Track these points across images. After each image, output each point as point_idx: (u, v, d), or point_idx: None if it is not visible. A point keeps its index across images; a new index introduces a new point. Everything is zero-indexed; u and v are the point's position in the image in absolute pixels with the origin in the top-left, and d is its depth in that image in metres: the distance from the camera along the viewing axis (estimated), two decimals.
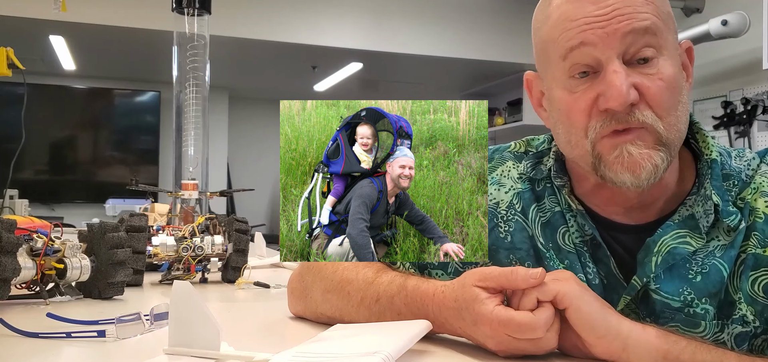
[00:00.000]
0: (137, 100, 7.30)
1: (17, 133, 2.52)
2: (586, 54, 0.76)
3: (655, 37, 0.76)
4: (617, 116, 0.76)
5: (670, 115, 0.77)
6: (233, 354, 0.70)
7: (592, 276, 0.83)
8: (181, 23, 2.07)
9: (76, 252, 1.11)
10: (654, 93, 0.76)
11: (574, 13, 0.77)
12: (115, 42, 5.41)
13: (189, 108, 2.06)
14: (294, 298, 0.97)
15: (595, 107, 0.77)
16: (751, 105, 3.95)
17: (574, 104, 0.78)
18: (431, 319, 0.77)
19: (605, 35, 0.75)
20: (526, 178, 0.91)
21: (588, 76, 0.77)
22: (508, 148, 0.96)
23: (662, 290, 0.80)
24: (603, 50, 0.75)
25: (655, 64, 0.76)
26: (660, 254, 0.80)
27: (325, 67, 6.28)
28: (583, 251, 0.84)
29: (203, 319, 0.70)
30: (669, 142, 0.77)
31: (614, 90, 0.74)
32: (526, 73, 0.89)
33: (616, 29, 0.74)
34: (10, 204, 2.79)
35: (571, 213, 0.86)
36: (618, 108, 0.75)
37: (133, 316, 0.83)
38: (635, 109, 0.76)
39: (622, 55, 0.75)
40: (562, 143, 0.84)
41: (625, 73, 0.75)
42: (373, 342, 0.70)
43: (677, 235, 0.80)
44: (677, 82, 0.77)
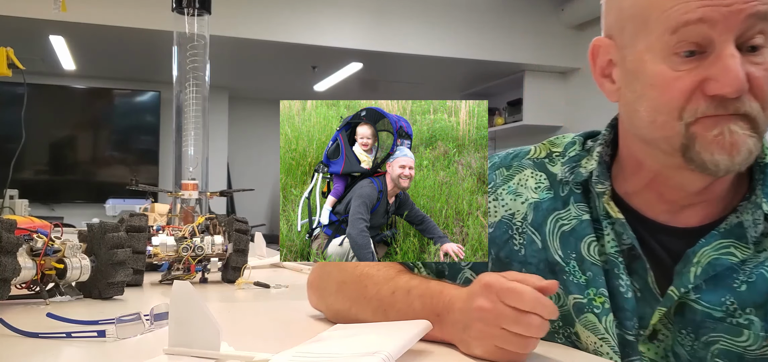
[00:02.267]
0: (137, 100, 7.30)
1: (17, 133, 2.52)
2: (701, 32, 0.70)
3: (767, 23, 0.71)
4: (725, 103, 0.71)
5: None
6: (233, 354, 0.70)
7: (625, 289, 0.79)
8: (181, 23, 2.07)
9: (76, 252, 1.11)
10: (762, 83, 0.71)
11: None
12: (115, 42, 5.41)
13: (189, 108, 2.06)
14: (310, 290, 0.98)
15: (700, 90, 0.71)
16: None
17: (675, 83, 0.72)
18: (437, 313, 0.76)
19: (728, 14, 0.69)
20: (545, 188, 0.87)
21: (694, 56, 0.71)
22: (528, 154, 0.91)
23: (703, 300, 0.76)
24: (721, 31, 0.70)
25: (764, 53, 0.72)
26: (700, 265, 0.76)
27: (325, 67, 6.28)
28: (618, 261, 0.80)
29: (203, 319, 0.69)
30: (762, 132, 0.73)
31: (731, 76, 0.69)
32: (596, 39, 0.82)
33: (740, 10, 0.69)
34: (10, 204, 2.79)
35: (608, 220, 0.81)
36: (732, 95, 0.70)
37: (133, 316, 0.83)
38: (744, 99, 0.71)
39: (737, 39, 0.70)
40: (641, 121, 0.76)
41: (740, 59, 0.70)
42: (373, 342, 0.70)
43: (720, 246, 0.76)
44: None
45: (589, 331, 0.79)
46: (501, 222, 0.88)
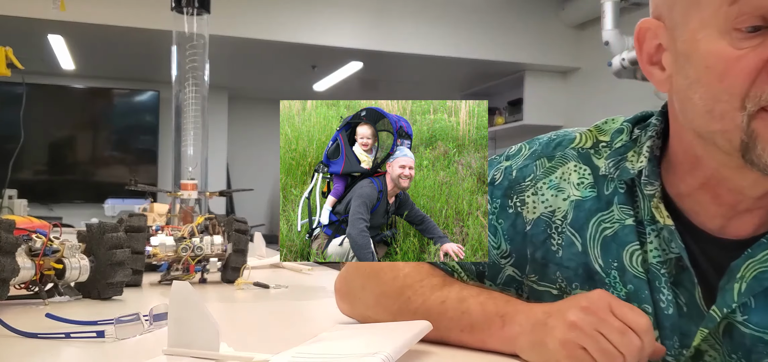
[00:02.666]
0: (136, 100, 7.29)
1: (16, 133, 2.52)
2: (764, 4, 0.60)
3: None
4: None
5: None
6: (232, 355, 0.69)
7: (666, 305, 0.72)
8: (181, 23, 2.07)
9: (75, 253, 1.11)
10: None
11: None
12: (115, 42, 5.41)
13: (188, 108, 2.06)
14: (341, 299, 0.91)
15: (765, 72, 0.61)
16: None
17: (737, 63, 0.61)
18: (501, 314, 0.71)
19: None
20: (588, 185, 0.77)
21: (759, 31, 0.61)
22: (572, 143, 0.81)
23: (751, 322, 0.68)
24: None
25: None
26: (745, 280, 0.68)
27: (325, 66, 6.28)
28: (660, 274, 0.72)
29: (202, 320, 0.69)
30: None
31: None
32: (642, 21, 0.71)
33: None
34: (8, 204, 2.79)
35: (653, 226, 0.73)
36: None
37: (133, 317, 0.83)
38: None
39: None
40: (695, 113, 0.66)
41: None
42: (373, 343, 0.69)
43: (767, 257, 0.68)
44: None
45: None
46: (539, 220, 0.78)
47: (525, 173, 0.81)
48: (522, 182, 0.81)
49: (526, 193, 0.80)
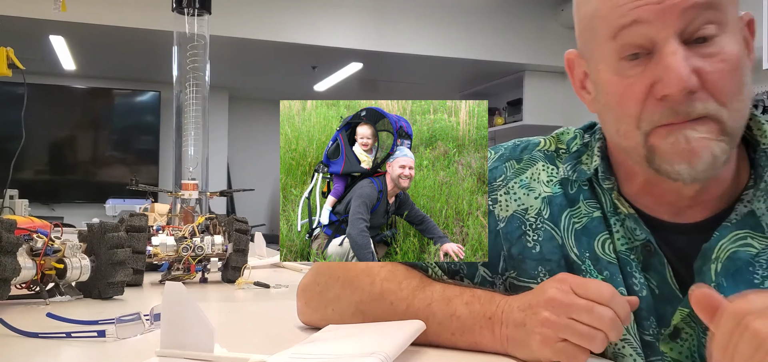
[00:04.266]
0: (137, 100, 7.30)
1: (17, 133, 2.52)
2: (640, 33, 0.67)
3: (718, 11, 0.66)
4: (676, 107, 0.67)
5: (734, 101, 0.68)
6: (227, 356, 0.69)
7: (639, 288, 0.75)
8: (181, 23, 2.07)
9: (76, 252, 1.11)
10: (716, 78, 0.66)
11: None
12: (115, 42, 5.41)
13: (189, 108, 2.06)
14: (310, 309, 0.88)
15: (651, 95, 0.68)
16: None
17: (626, 91, 0.69)
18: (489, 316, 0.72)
19: (661, 11, 0.66)
20: (557, 182, 0.82)
21: (640, 58, 0.68)
22: (538, 146, 0.86)
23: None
24: (659, 28, 0.66)
25: (717, 43, 0.67)
26: (719, 261, 0.72)
27: (325, 67, 6.28)
28: (630, 259, 0.76)
29: (196, 320, 0.69)
30: (732, 131, 0.68)
31: (672, 74, 0.65)
32: (568, 52, 0.80)
33: (674, 4, 0.65)
34: (10, 204, 2.79)
35: (617, 217, 0.77)
36: (677, 94, 0.66)
37: (133, 316, 0.83)
38: (696, 99, 0.66)
39: (681, 34, 0.66)
40: (610, 132, 0.75)
41: (685, 55, 0.65)
42: (370, 343, 0.69)
43: (736, 237, 0.72)
44: (741, 62, 0.68)
45: None
46: (513, 217, 0.82)
47: (496, 174, 0.86)
48: (493, 182, 0.86)
49: (498, 192, 0.85)
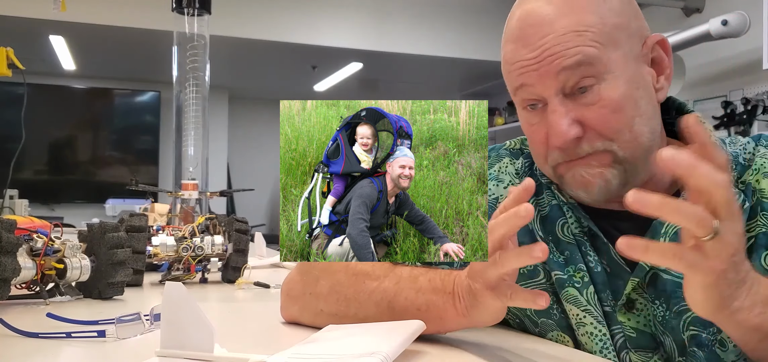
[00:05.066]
0: (137, 100, 7.30)
1: (17, 133, 2.52)
2: (529, 92, 0.79)
3: (592, 66, 0.75)
4: (567, 151, 0.78)
5: (623, 135, 0.77)
6: (226, 356, 0.69)
7: (594, 264, 0.84)
8: (181, 23, 2.07)
9: (76, 252, 1.11)
10: (598, 121, 0.76)
11: (512, 57, 0.80)
12: (115, 42, 5.42)
13: (189, 108, 2.07)
14: (290, 300, 0.93)
15: (549, 141, 0.80)
16: (751, 105, 3.95)
17: (533, 135, 0.82)
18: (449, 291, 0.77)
19: (540, 76, 0.77)
20: (523, 175, 0.92)
21: (539, 107, 0.80)
22: (504, 146, 0.97)
23: (672, 271, 0.78)
24: (542, 89, 0.77)
25: (597, 92, 0.76)
26: (667, 235, 0.79)
27: (325, 67, 6.28)
28: (584, 240, 0.85)
29: (196, 320, 0.68)
30: (626, 159, 0.77)
31: (554, 129, 0.77)
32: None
33: (547, 70, 0.76)
34: (10, 204, 2.80)
35: (567, 205, 0.87)
36: (562, 146, 0.77)
37: (133, 316, 0.83)
38: (583, 142, 0.77)
39: (562, 90, 0.77)
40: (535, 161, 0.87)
41: (565, 111, 0.76)
42: (370, 343, 0.69)
43: None
44: (627, 99, 0.77)
45: (571, 305, 0.83)
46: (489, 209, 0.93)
47: None
48: None
49: None
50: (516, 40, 0.80)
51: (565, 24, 0.76)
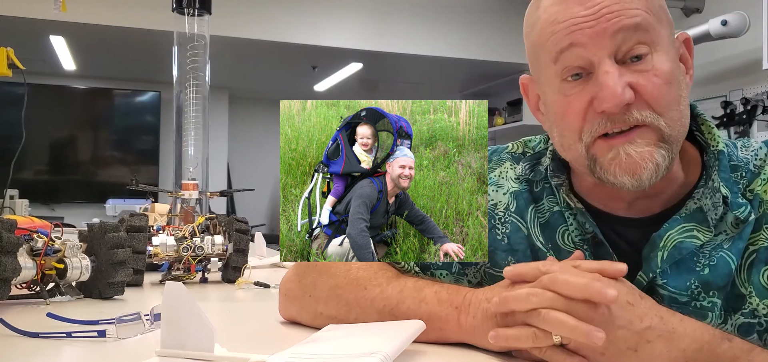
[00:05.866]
0: (137, 100, 7.30)
1: (17, 133, 2.52)
2: (577, 55, 0.75)
3: (647, 33, 0.73)
4: (614, 118, 0.74)
5: (671, 111, 0.74)
6: (227, 356, 0.69)
7: None
8: (181, 23, 2.07)
9: (76, 252, 1.11)
10: (651, 90, 0.73)
11: (561, 15, 0.75)
12: (115, 42, 5.41)
13: (189, 108, 2.07)
14: (288, 301, 0.93)
15: (591, 109, 0.75)
16: (750, 105, 3.95)
17: (569, 107, 0.77)
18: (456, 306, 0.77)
19: (594, 35, 0.73)
20: (524, 180, 0.90)
21: (581, 77, 0.76)
22: (506, 149, 0.95)
23: (669, 285, 0.78)
24: (593, 51, 0.74)
25: (650, 61, 0.74)
26: (666, 249, 0.78)
27: (325, 67, 6.28)
28: (584, 249, 0.83)
29: (196, 320, 0.69)
30: (671, 138, 0.75)
31: (607, 90, 0.72)
32: (522, 77, 0.88)
33: (604, 28, 0.73)
34: (10, 204, 2.80)
35: (570, 211, 0.84)
36: (613, 109, 0.73)
37: (134, 316, 0.83)
38: (632, 109, 0.73)
39: (615, 54, 0.73)
40: (557, 146, 0.83)
41: (619, 72, 0.73)
42: (370, 343, 0.69)
43: (684, 229, 0.78)
44: (675, 76, 0.75)
45: None
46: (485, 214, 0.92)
47: None
48: None
49: None
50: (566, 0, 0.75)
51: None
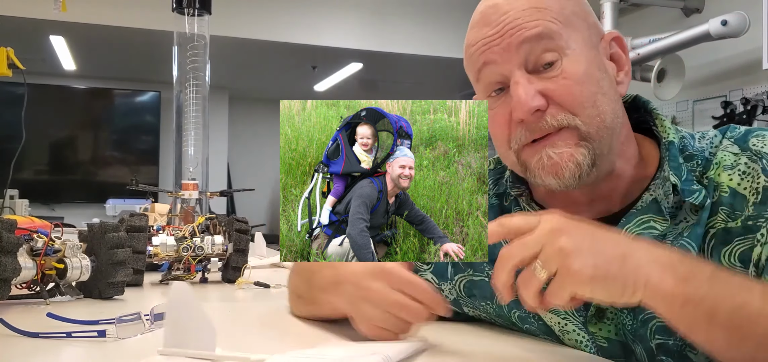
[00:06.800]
0: (137, 100, 7.30)
1: (17, 133, 2.52)
2: (492, 72, 0.80)
3: (553, 40, 0.77)
4: (532, 125, 0.78)
5: (586, 109, 0.77)
6: (228, 355, 0.69)
7: None
8: (181, 23, 2.07)
9: (76, 252, 1.11)
10: (561, 93, 0.77)
11: (474, 38, 0.81)
12: (115, 42, 5.42)
13: (189, 108, 2.07)
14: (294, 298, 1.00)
15: (512, 120, 0.80)
16: (750, 105, 3.95)
17: (494, 120, 0.82)
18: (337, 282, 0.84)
19: (502, 51, 0.78)
20: (494, 194, 0.94)
21: (503, 91, 0.81)
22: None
23: None
24: (504, 65, 0.78)
25: (558, 66, 0.77)
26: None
27: (325, 67, 6.28)
28: None
29: (199, 320, 0.69)
30: (591, 135, 0.77)
31: (517, 100, 0.77)
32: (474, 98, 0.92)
33: (509, 43, 0.77)
34: (10, 204, 2.80)
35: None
36: (525, 116, 0.77)
37: (134, 316, 0.83)
38: (547, 115, 0.77)
39: (525, 65, 0.78)
40: (501, 158, 0.88)
41: (528, 81, 0.77)
42: (372, 343, 0.70)
43: (640, 222, 0.80)
44: (589, 76, 0.78)
45: (551, 313, 0.85)
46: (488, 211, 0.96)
47: None
48: None
49: None
50: (477, 24, 0.82)
51: (525, 3, 0.78)
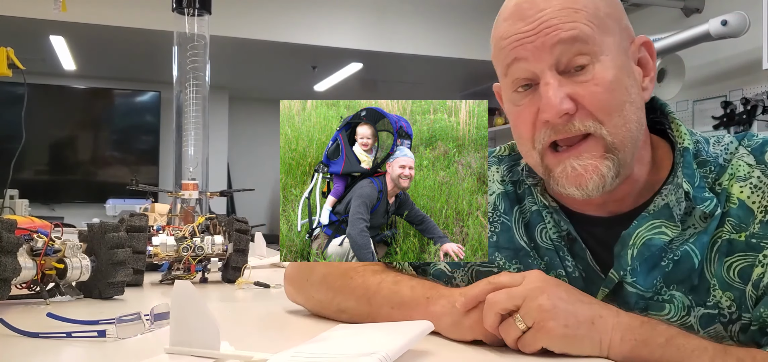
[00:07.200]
0: (137, 100, 7.30)
1: (17, 133, 2.52)
2: (522, 68, 0.79)
3: (587, 44, 0.77)
4: (557, 127, 0.78)
5: (613, 118, 0.77)
6: (233, 354, 0.70)
7: (572, 270, 0.85)
8: (181, 23, 2.07)
9: (76, 252, 1.11)
10: (590, 99, 0.77)
11: (507, 32, 0.80)
12: (115, 42, 5.42)
13: (189, 108, 2.06)
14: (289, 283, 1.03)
15: (538, 119, 0.79)
16: (750, 105, 3.95)
17: (519, 117, 0.82)
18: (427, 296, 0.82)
19: (535, 49, 0.77)
20: (509, 181, 0.94)
21: (531, 88, 0.80)
22: (494, 152, 0.99)
23: (638, 283, 0.80)
24: (535, 63, 0.78)
25: (590, 71, 0.77)
26: (635, 247, 0.80)
27: (325, 67, 6.28)
28: (561, 246, 0.86)
29: (203, 319, 0.70)
30: (616, 146, 0.78)
31: (546, 102, 0.77)
32: (495, 85, 0.91)
33: (543, 42, 0.77)
34: (10, 204, 2.80)
35: (547, 209, 0.88)
36: (552, 119, 0.77)
37: (134, 316, 0.83)
38: (574, 119, 0.77)
39: (556, 66, 0.77)
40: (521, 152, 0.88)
41: (558, 84, 0.77)
42: (372, 342, 0.70)
43: (652, 226, 0.80)
44: (619, 83, 0.78)
45: None
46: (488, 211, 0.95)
47: None
48: None
49: None
50: (511, 16, 0.80)
51: (562, 1, 0.78)
